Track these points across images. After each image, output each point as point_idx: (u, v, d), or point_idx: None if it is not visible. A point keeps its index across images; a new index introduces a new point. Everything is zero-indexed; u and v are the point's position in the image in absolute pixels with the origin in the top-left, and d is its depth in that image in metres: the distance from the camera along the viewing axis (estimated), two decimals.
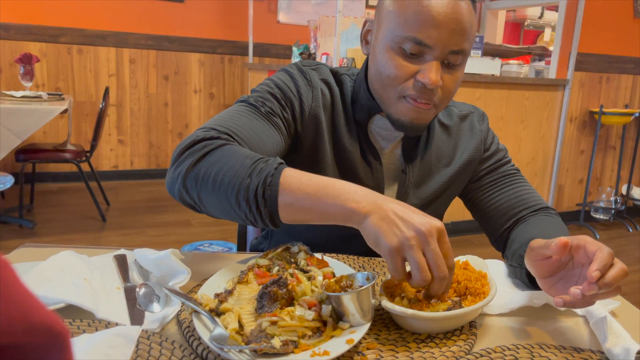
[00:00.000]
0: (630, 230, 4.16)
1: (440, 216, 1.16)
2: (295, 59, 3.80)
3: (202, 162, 0.78)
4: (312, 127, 1.00)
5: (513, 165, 1.13)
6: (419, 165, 1.06)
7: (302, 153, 1.01)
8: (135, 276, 0.85)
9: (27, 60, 3.36)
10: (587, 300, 0.68)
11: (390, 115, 0.95)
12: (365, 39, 1.00)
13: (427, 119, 0.94)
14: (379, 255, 1.07)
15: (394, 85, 0.91)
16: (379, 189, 1.04)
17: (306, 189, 0.73)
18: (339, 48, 3.34)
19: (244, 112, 0.92)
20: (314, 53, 3.79)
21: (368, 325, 0.68)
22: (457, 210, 1.33)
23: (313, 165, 1.01)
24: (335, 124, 1.02)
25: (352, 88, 1.04)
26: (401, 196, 1.05)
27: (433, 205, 1.09)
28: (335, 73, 1.05)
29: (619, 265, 0.69)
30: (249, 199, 0.74)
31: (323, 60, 3.51)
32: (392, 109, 0.94)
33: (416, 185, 1.06)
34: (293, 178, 0.74)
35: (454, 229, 3.69)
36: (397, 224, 0.67)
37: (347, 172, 1.03)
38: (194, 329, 0.68)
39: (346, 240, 1.05)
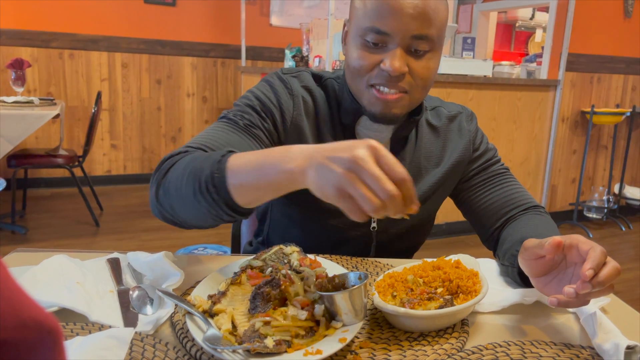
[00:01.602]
0: (623, 229, 4.19)
1: (431, 216, 1.16)
2: (288, 61, 3.80)
3: (168, 173, 0.80)
4: (295, 135, 1.00)
5: (502, 164, 1.13)
6: (407, 167, 1.06)
7: None
8: (128, 279, 0.85)
9: (18, 65, 3.35)
10: (581, 299, 0.69)
11: (364, 108, 0.96)
12: (344, 40, 1.01)
13: (400, 107, 0.95)
14: (370, 256, 1.08)
15: (360, 75, 0.93)
16: None
17: (248, 165, 0.70)
18: (331, 50, 3.35)
19: (222, 127, 0.93)
20: (307, 56, 3.79)
21: (361, 324, 0.69)
22: (452, 212, 1.34)
23: None
24: (320, 129, 1.02)
25: (337, 91, 1.04)
26: None
27: (424, 207, 1.09)
28: (319, 78, 1.06)
29: (611, 264, 0.69)
30: (202, 190, 0.73)
31: (316, 63, 3.52)
32: (364, 101, 0.96)
33: None
34: (237, 159, 0.72)
35: (449, 230, 3.70)
36: (329, 166, 0.62)
37: None
38: (188, 330, 0.68)
39: (337, 245, 1.05)
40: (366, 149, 0.62)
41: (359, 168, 0.60)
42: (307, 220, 1.08)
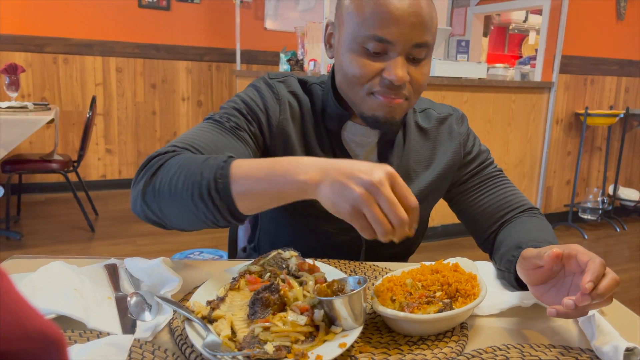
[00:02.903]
0: (618, 230, 4.21)
1: (424, 220, 1.16)
2: (284, 65, 3.80)
3: (157, 173, 0.79)
4: (281, 139, 1.00)
5: (496, 166, 1.12)
6: (396, 170, 1.05)
7: None
8: (126, 285, 0.84)
9: (12, 70, 3.33)
10: (580, 311, 0.69)
11: (363, 114, 0.95)
12: (328, 42, 1.00)
13: (400, 113, 0.94)
14: (359, 260, 1.08)
15: (360, 83, 0.91)
16: None
17: (256, 174, 0.71)
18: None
19: (208, 128, 0.93)
20: (302, 59, 3.80)
21: (360, 328, 0.69)
22: (448, 214, 1.34)
23: None
24: (305, 135, 1.02)
25: (322, 97, 1.03)
26: None
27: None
28: (305, 83, 1.05)
29: (610, 276, 0.69)
30: (204, 195, 0.73)
31: (311, 67, 3.52)
32: (364, 107, 0.94)
33: None
34: (241, 167, 0.73)
35: (445, 232, 3.70)
36: (346, 184, 0.66)
37: None
38: (187, 336, 0.68)
39: (327, 249, 1.05)
40: (384, 174, 0.66)
41: (376, 191, 0.65)
42: (296, 225, 1.07)
